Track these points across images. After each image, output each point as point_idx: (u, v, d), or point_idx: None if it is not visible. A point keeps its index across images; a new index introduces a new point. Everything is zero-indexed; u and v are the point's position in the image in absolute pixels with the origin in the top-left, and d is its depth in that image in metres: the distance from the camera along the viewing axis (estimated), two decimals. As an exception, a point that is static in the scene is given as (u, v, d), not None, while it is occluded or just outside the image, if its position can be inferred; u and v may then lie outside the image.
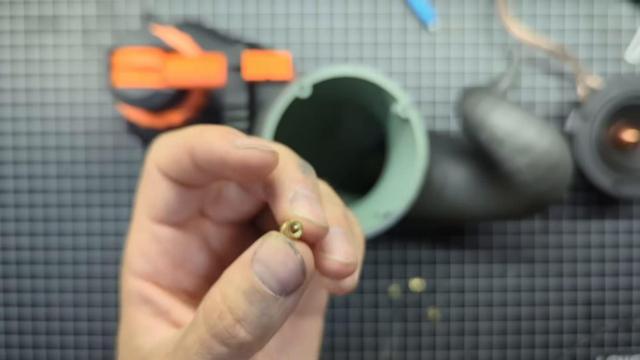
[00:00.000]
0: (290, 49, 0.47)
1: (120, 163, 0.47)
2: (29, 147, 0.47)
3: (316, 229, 0.15)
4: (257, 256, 0.15)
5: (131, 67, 0.34)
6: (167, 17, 0.47)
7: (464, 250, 0.48)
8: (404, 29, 0.47)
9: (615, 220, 0.47)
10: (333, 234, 0.16)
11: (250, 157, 0.16)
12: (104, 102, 0.47)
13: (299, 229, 0.15)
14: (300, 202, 0.16)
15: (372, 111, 0.34)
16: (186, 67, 0.34)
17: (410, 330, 0.48)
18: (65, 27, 0.47)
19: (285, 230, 0.15)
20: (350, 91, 0.32)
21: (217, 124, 0.38)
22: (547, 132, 0.34)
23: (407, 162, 0.31)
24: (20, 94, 0.47)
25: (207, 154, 0.17)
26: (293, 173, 0.17)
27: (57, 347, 0.48)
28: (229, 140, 0.16)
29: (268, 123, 0.28)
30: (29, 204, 0.47)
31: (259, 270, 0.15)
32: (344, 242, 0.16)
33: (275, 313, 0.15)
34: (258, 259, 0.15)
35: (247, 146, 0.16)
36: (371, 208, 0.32)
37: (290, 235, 0.15)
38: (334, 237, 0.16)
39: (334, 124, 0.38)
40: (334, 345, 0.48)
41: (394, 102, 0.30)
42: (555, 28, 0.47)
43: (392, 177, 0.33)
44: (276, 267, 0.14)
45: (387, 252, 0.48)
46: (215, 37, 0.44)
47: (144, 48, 0.34)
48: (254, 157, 0.16)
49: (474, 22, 0.47)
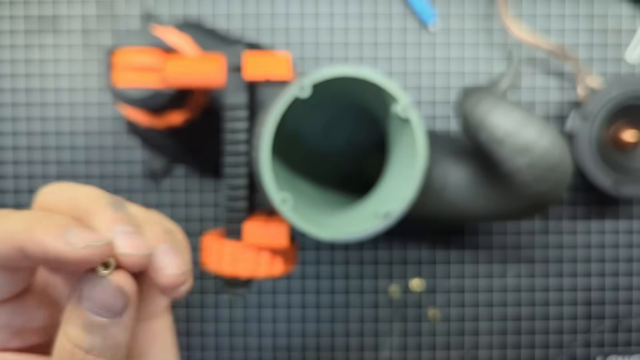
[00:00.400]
0: (290, 49, 0.47)
1: (120, 163, 0.47)
2: (29, 147, 0.47)
3: (139, 259, 0.18)
4: (83, 295, 0.17)
5: (131, 67, 0.34)
6: (167, 17, 0.47)
7: (464, 250, 0.48)
8: (404, 29, 0.47)
9: (615, 220, 0.47)
10: (160, 252, 0.19)
11: (89, 255, 0.17)
12: (104, 102, 0.47)
13: (110, 265, 0.18)
14: (119, 240, 0.18)
15: (372, 111, 0.34)
16: (186, 67, 0.34)
17: (410, 330, 0.48)
18: (65, 27, 0.47)
19: (99, 270, 0.18)
20: (350, 91, 0.32)
21: (217, 123, 0.38)
22: (547, 132, 0.34)
23: (407, 162, 0.31)
24: (21, 94, 0.47)
25: (40, 254, 0.17)
26: (105, 215, 0.18)
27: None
28: (63, 238, 0.17)
29: (268, 123, 0.28)
30: (29, 204, 0.47)
31: (88, 305, 0.17)
32: (172, 256, 0.19)
33: (116, 334, 0.18)
34: (85, 297, 0.17)
35: (84, 244, 0.17)
36: (371, 208, 0.32)
37: (103, 271, 0.18)
38: (162, 254, 0.18)
39: (334, 123, 0.38)
40: (334, 346, 0.48)
41: (394, 102, 0.30)
42: (555, 28, 0.47)
43: (392, 177, 0.33)
44: (100, 298, 0.17)
45: (387, 252, 0.48)
46: (215, 37, 0.44)
47: (144, 48, 0.34)
48: (93, 255, 0.17)
49: (474, 22, 0.47)
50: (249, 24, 0.47)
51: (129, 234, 0.18)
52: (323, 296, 0.48)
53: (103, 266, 0.18)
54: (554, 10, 0.47)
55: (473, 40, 0.47)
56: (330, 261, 0.48)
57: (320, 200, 0.36)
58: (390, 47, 0.47)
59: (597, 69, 0.47)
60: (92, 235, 0.17)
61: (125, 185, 0.47)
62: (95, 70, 0.47)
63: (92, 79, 0.47)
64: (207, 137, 0.44)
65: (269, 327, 0.48)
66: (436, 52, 0.47)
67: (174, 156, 0.46)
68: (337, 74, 0.28)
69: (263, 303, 0.48)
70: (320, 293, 0.48)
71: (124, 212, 0.19)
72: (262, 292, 0.48)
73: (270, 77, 0.32)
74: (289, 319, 0.48)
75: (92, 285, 0.17)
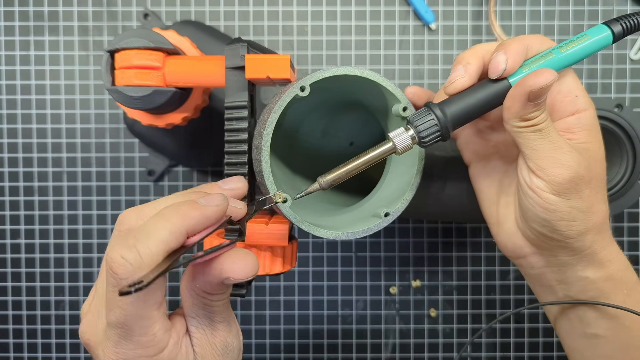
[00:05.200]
0: (290, 49, 0.47)
1: (120, 162, 0.47)
2: (30, 147, 0.47)
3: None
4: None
5: (131, 66, 0.34)
6: (167, 16, 0.47)
7: (464, 251, 0.48)
8: (405, 27, 0.47)
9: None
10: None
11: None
12: (103, 101, 0.47)
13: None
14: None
15: (372, 111, 0.34)
16: (186, 67, 0.34)
17: (410, 330, 0.48)
18: (65, 27, 0.47)
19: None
20: (350, 91, 0.32)
21: (216, 123, 0.38)
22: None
23: (407, 162, 0.31)
24: (20, 93, 0.47)
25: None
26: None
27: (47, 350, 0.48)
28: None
29: (268, 123, 0.28)
30: (29, 203, 0.47)
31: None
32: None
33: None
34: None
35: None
36: (371, 208, 0.32)
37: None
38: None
39: (334, 123, 0.38)
40: (336, 346, 0.48)
41: (394, 101, 0.30)
42: (560, 24, 0.47)
43: (392, 177, 0.33)
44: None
45: (387, 252, 0.48)
46: (215, 37, 0.44)
47: (144, 48, 0.34)
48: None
49: (476, 20, 0.47)
50: (249, 24, 0.47)
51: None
52: (323, 296, 0.48)
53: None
54: (558, 6, 0.47)
55: (476, 38, 0.47)
56: (330, 261, 0.48)
57: (320, 200, 0.36)
58: (391, 45, 0.47)
59: (602, 65, 0.47)
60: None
61: (125, 185, 0.47)
62: (95, 69, 0.47)
63: (92, 79, 0.47)
64: (207, 137, 0.44)
65: (269, 327, 0.48)
66: (438, 50, 0.47)
67: (174, 156, 0.46)
68: (338, 74, 0.28)
69: (262, 303, 0.48)
70: (320, 293, 0.48)
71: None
72: (259, 294, 0.48)
73: (270, 77, 0.31)
74: (288, 319, 0.48)
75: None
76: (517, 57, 0.26)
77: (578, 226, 0.27)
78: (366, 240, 0.48)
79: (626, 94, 0.47)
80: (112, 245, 0.24)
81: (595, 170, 0.28)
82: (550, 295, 0.31)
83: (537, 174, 0.27)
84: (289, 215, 0.29)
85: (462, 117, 0.27)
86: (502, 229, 0.31)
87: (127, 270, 0.21)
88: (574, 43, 0.27)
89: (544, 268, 0.30)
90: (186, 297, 0.26)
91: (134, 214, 0.25)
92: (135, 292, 0.19)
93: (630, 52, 0.47)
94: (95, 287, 0.26)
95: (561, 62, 0.27)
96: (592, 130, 0.28)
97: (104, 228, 0.47)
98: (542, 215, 0.27)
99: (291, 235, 0.34)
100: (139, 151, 0.47)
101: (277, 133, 0.30)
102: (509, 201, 0.30)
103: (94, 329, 0.25)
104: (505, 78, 0.27)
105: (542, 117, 0.26)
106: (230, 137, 0.32)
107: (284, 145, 0.36)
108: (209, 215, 0.24)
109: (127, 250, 0.22)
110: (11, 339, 0.48)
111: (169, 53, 0.35)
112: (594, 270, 0.29)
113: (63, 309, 0.48)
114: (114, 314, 0.23)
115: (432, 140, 0.27)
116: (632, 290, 0.29)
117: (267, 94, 0.44)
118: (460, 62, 0.27)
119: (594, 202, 0.27)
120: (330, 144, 0.39)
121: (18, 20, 0.47)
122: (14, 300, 0.48)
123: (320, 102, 0.35)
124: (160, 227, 0.22)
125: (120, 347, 0.23)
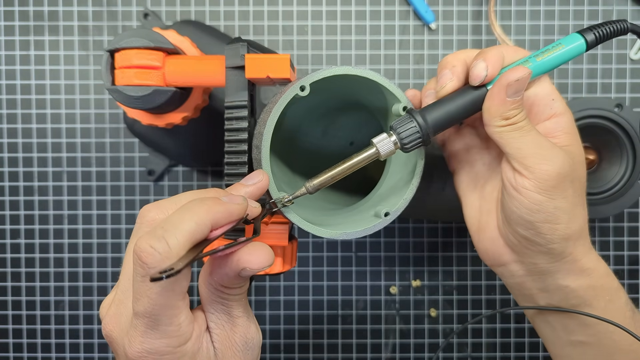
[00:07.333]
0: (290, 49, 0.47)
1: (120, 162, 0.47)
2: (29, 147, 0.47)
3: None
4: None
5: (131, 66, 0.34)
6: (167, 16, 0.47)
7: (465, 251, 0.48)
8: (405, 27, 0.47)
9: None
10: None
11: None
12: (103, 100, 0.47)
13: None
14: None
15: (372, 110, 0.34)
16: (186, 66, 0.34)
17: (410, 330, 0.48)
18: (65, 27, 0.47)
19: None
20: (350, 90, 0.32)
21: (216, 123, 0.38)
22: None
23: (407, 162, 0.31)
24: (20, 93, 0.47)
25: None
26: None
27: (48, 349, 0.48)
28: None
29: (268, 122, 0.28)
30: (28, 203, 0.47)
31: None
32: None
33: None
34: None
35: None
36: (371, 208, 0.32)
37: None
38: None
39: (334, 123, 0.38)
40: (336, 346, 0.48)
41: (394, 101, 0.30)
42: (560, 24, 0.47)
43: (392, 177, 0.33)
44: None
45: (387, 252, 0.48)
46: (215, 37, 0.44)
47: (144, 48, 0.34)
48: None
49: (476, 20, 0.47)
50: (249, 24, 0.47)
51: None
52: (323, 296, 0.48)
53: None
54: (558, 6, 0.47)
55: (476, 38, 0.47)
56: (330, 261, 0.48)
57: (321, 200, 0.36)
58: (391, 45, 0.47)
59: (602, 65, 0.47)
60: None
61: (125, 184, 0.47)
62: (95, 69, 0.47)
63: (92, 78, 0.47)
64: (207, 137, 0.44)
65: (269, 327, 0.48)
66: (438, 50, 0.47)
67: (174, 156, 0.46)
68: (338, 74, 0.28)
69: (262, 303, 0.48)
70: (320, 293, 0.48)
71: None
72: (259, 294, 0.48)
73: (270, 77, 0.31)
74: (288, 319, 0.48)
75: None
76: (496, 64, 0.27)
77: (561, 230, 0.27)
78: (366, 240, 0.48)
79: (626, 94, 0.47)
80: (139, 237, 0.24)
81: (578, 172, 0.28)
82: (532, 305, 0.31)
83: (522, 173, 0.27)
84: (289, 215, 0.29)
85: (443, 122, 0.28)
86: (483, 236, 0.31)
87: (156, 260, 0.22)
88: (549, 52, 0.28)
89: (524, 277, 0.30)
90: (205, 293, 0.26)
91: (154, 207, 0.26)
92: (167, 278, 0.20)
93: (630, 52, 0.47)
94: (116, 286, 0.26)
95: (538, 69, 0.28)
96: (571, 134, 0.29)
97: (104, 228, 0.47)
98: (526, 217, 0.27)
99: (291, 235, 0.34)
100: (139, 151, 0.47)
101: (277, 133, 0.30)
102: (490, 208, 0.31)
103: (117, 321, 0.25)
104: (484, 85, 0.28)
105: (521, 116, 0.27)
106: (230, 137, 0.32)
107: (284, 145, 0.36)
108: (232, 210, 0.25)
109: (156, 240, 0.22)
110: (11, 339, 0.48)
111: (169, 53, 0.35)
112: (574, 278, 0.29)
113: (63, 309, 0.48)
114: (141, 304, 0.23)
115: (414, 146, 0.28)
116: (614, 296, 0.30)
117: (267, 94, 0.44)
118: (445, 66, 0.29)
119: (576, 204, 0.28)
120: (330, 143, 0.39)
121: (18, 20, 0.47)
122: (13, 300, 0.47)
123: (320, 101, 0.35)
124: (187, 219, 0.23)
125: (147, 336, 0.24)
